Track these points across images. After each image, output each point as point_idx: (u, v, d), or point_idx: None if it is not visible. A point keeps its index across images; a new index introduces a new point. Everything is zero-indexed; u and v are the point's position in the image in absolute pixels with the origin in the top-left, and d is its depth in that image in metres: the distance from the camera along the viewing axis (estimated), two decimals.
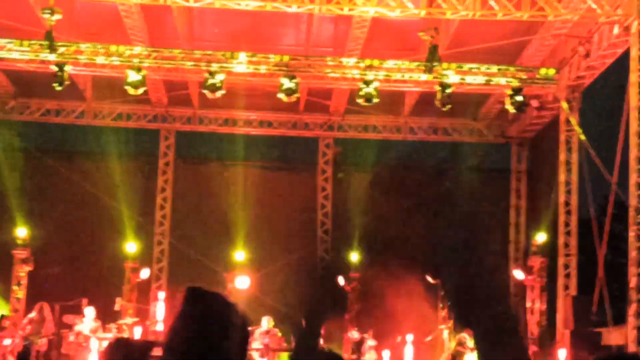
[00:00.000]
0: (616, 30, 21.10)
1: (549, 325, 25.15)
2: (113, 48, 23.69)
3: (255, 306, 26.51)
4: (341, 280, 17.92)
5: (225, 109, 28.17)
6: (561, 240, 24.25)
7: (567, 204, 24.30)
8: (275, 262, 28.25)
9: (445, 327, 26.70)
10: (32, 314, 24.50)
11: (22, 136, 28.28)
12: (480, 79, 24.32)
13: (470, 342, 24.72)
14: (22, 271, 26.42)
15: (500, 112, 27.44)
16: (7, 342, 24.25)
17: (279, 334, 24.38)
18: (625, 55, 21.17)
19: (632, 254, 19.77)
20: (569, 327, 22.90)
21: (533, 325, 25.87)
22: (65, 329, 24.66)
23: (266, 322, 24.30)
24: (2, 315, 25.24)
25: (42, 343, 24.08)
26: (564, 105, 24.11)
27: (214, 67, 23.72)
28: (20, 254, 26.25)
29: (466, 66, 23.93)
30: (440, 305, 27.12)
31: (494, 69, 24.18)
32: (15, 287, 26.53)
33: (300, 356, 3.78)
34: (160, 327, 26.70)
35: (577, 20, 21.66)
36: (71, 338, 24.38)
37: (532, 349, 24.45)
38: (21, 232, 26.21)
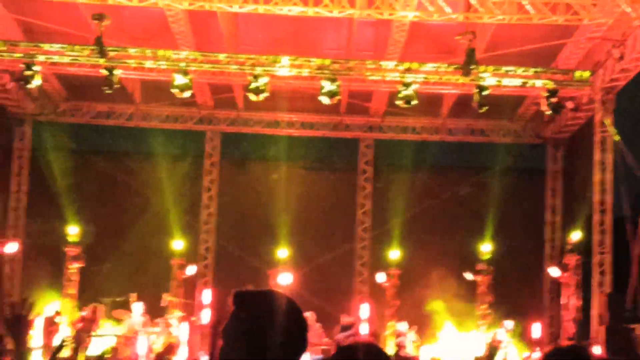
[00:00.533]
0: None
1: (584, 321, 25.03)
2: (160, 52, 23.86)
3: (297, 302, 26.58)
4: (381, 277, 17.89)
5: (269, 111, 28.28)
6: (596, 238, 24.13)
7: (601, 202, 24.19)
8: (317, 259, 28.36)
9: (483, 322, 26.70)
10: (85, 312, 24.73)
11: (74, 138, 28.56)
12: (517, 82, 24.27)
13: (505, 336, 24.70)
14: (73, 268, 26.65)
15: (536, 113, 27.37)
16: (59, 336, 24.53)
17: (321, 330, 24.45)
18: None
19: None
20: (604, 323, 22.79)
21: (568, 322, 25.77)
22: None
23: (309, 317, 24.36)
24: (56, 311, 25.49)
25: (88, 341, 24.27)
26: (599, 106, 24.01)
27: (258, 70, 23.82)
28: (71, 251, 26.48)
29: (503, 69, 23.88)
30: (479, 301, 27.13)
31: (530, 71, 24.11)
32: (66, 284, 26.75)
33: None
34: (205, 321, 26.90)
35: (611, 23, 21.55)
36: (120, 333, 24.60)
37: (568, 344, 24.33)
38: (72, 230, 26.44)
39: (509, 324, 24.95)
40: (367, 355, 3.77)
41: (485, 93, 23.71)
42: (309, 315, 24.46)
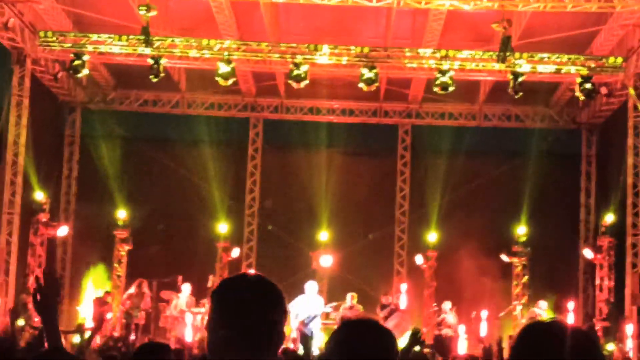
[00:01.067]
0: None
1: (617, 301, 25.00)
2: (205, 42, 24.03)
3: (338, 283, 26.77)
4: (419, 259, 18.00)
5: (310, 99, 28.39)
6: (629, 220, 24.07)
7: (634, 185, 24.12)
8: (356, 241, 28.45)
9: (518, 302, 26.70)
10: (131, 290, 25.00)
11: (122, 125, 28.84)
12: (551, 68, 24.23)
13: (542, 316, 24.67)
14: (123, 250, 26.94)
15: (571, 99, 27.27)
16: (109, 315, 24.82)
17: (361, 309, 24.53)
18: None
19: None
20: (637, 303, 22.77)
21: (602, 302, 25.75)
22: (163, 304, 25.15)
23: (350, 299, 24.46)
24: (106, 291, 25.80)
25: (140, 317, 24.57)
26: (632, 92, 23.88)
27: (299, 58, 23.93)
28: (120, 234, 26.76)
29: (537, 56, 23.84)
30: (514, 282, 27.14)
31: (564, 58, 24.06)
32: (116, 265, 27.05)
33: None
34: None
35: None
36: (168, 312, 24.86)
37: (602, 324, 24.32)
38: (121, 214, 26.71)
39: (544, 304, 24.94)
40: (367, 331, 3.76)
41: (520, 79, 23.72)
42: (350, 296, 24.57)
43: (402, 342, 7.34)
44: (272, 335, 3.60)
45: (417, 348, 7.57)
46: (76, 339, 19.94)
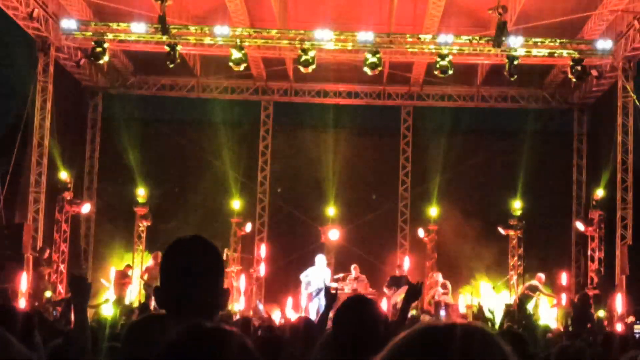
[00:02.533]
0: None
1: (607, 271, 25.00)
2: (217, 29, 23.95)
3: (345, 255, 26.80)
4: (421, 232, 17.94)
5: (317, 82, 28.34)
6: (619, 195, 24.05)
7: (624, 162, 24.07)
8: (362, 216, 28.46)
9: (514, 273, 26.72)
10: (149, 263, 25.04)
11: (141, 108, 28.82)
12: (545, 52, 24.19)
13: (540, 288, 24.66)
14: (142, 226, 26.97)
15: (563, 81, 27.19)
16: (130, 288, 24.93)
17: (366, 280, 24.58)
18: None
19: None
20: (625, 272, 22.77)
21: (593, 272, 25.76)
22: None
23: (354, 270, 24.52)
24: (127, 265, 25.87)
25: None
26: (621, 73, 23.82)
27: (307, 44, 23.88)
28: (140, 210, 26.78)
29: (531, 40, 23.79)
30: (511, 254, 27.14)
31: (557, 42, 23.99)
32: (136, 240, 27.10)
33: None
34: (262, 273, 27.20)
35: None
36: None
37: (593, 292, 24.31)
38: (141, 192, 26.71)
39: (541, 275, 24.93)
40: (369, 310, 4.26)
41: (515, 63, 23.70)
42: (353, 267, 24.62)
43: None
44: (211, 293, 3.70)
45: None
46: (107, 311, 19.99)
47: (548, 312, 24.34)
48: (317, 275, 23.60)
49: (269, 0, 23.40)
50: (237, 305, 24.46)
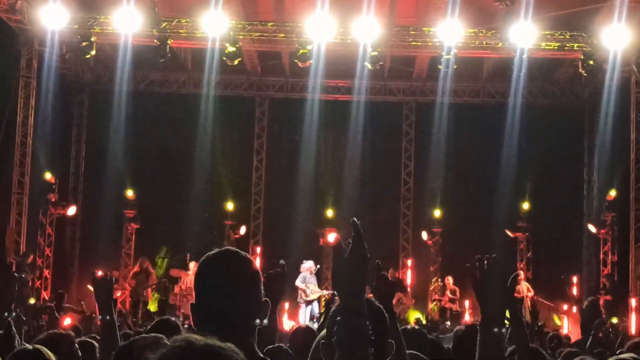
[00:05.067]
0: None
1: (620, 276, 25.07)
2: (210, 22, 23.96)
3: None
4: (424, 235, 17.97)
5: (315, 77, 28.32)
6: (632, 195, 24.13)
7: (637, 160, 24.13)
8: (362, 218, 28.37)
9: (522, 278, 26.79)
10: (135, 269, 25.11)
11: (129, 105, 28.73)
12: (554, 45, 24.19)
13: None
14: (131, 229, 27.03)
15: (574, 75, 27.22)
16: (117, 294, 24.99)
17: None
18: None
19: None
20: None
21: (605, 276, 25.83)
22: (172, 282, 25.28)
23: None
24: (113, 270, 25.88)
25: (143, 293, 24.61)
26: (635, 68, 23.88)
27: (304, 37, 23.90)
28: (129, 213, 26.83)
29: (540, 33, 23.78)
30: (519, 257, 27.21)
31: (567, 35, 24.01)
32: (125, 244, 27.14)
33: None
34: None
35: None
36: (177, 290, 24.97)
37: (605, 298, 24.38)
38: (129, 193, 26.75)
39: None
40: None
41: (524, 56, 23.69)
42: None
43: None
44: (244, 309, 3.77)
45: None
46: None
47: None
48: (313, 281, 23.85)
49: None
50: None
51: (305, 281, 23.99)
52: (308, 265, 24.32)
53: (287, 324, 22.28)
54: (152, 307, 25.56)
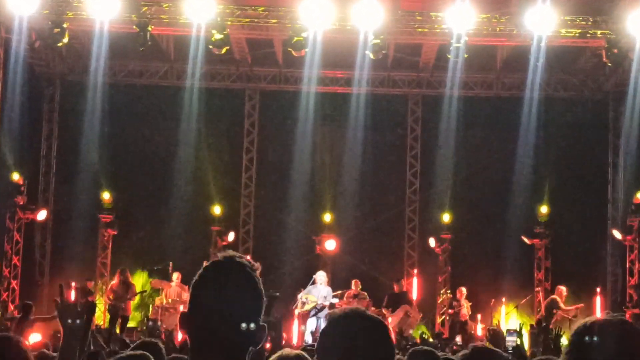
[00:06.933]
0: None
1: None
2: (195, 7, 23.80)
3: (343, 269, 26.76)
4: (432, 241, 17.82)
5: (311, 68, 28.20)
6: None
7: None
8: (363, 223, 28.41)
9: (540, 289, 26.71)
10: (113, 281, 25.00)
11: (106, 98, 28.56)
12: (576, 32, 24.08)
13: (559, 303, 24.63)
14: (107, 236, 26.92)
15: (597, 65, 27.16)
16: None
17: (367, 296, 24.56)
18: None
19: None
20: None
21: (632, 287, 25.73)
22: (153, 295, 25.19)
23: (354, 285, 24.54)
24: (87, 279, 25.77)
25: (126, 308, 24.50)
26: None
27: (298, 23, 23.78)
28: (105, 218, 26.72)
29: (561, 18, 23.66)
30: (536, 266, 27.12)
31: (590, 21, 23.90)
32: (100, 252, 27.03)
33: None
34: None
35: None
36: (158, 303, 24.85)
37: (633, 312, 24.29)
38: (106, 196, 26.66)
39: (562, 288, 24.92)
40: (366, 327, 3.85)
41: (542, 44, 23.58)
42: (353, 282, 24.61)
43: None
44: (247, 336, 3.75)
45: None
46: None
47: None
48: (318, 294, 23.73)
49: None
50: None
51: (310, 293, 23.86)
52: (320, 277, 24.22)
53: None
54: (134, 322, 25.48)
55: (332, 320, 3.95)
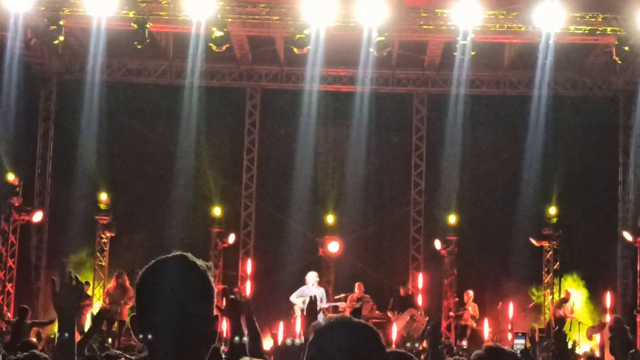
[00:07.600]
0: None
1: None
2: (194, 3, 23.88)
3: (346, 271, 26.82)
4: (437, 244, 17.98)
5: (313, 66, 28.27)
6: None
7: None
8: (367, 225, 28.45)
9: (549, 292, 26.77)
10: (110, 284, 25.07)
11: (103, 97, 28.63)
12: (585, 29, 24.14)
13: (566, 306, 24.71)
14: (105, 237, 26.98)
15: (607, 63, 27.20)
16: (91, 312, 24.92)
17: (370, 301, 24.64)
18: None
19: None
20: None
21: None
22: None
23: (357, 288, 24.62)
24: (86, 282, 25.84)
25: (119, 311, 24.55)
26: None
27: (301, 20, 23.84)
28: (102, 219, 26.77)
29: (569, 15, 23.73)
30: (545, 269, 27.17)
31: (600, 17, 23.96)
32: (98, 254, 27.09)
33: None
34: (247, 292, 27.17)
35: None
36: None
37: None
38: (103, 197, 26.71)
39: (570, 291, 24.99)
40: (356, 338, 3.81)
41: (551, 42, 23.64)
42: (356, 285, 24.68)
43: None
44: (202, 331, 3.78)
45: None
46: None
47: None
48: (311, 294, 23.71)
49: None
50: None
51: (303, 294, 23.89)
52: (311, 277, 24.29)
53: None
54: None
55: (318, 331, 3.87)
